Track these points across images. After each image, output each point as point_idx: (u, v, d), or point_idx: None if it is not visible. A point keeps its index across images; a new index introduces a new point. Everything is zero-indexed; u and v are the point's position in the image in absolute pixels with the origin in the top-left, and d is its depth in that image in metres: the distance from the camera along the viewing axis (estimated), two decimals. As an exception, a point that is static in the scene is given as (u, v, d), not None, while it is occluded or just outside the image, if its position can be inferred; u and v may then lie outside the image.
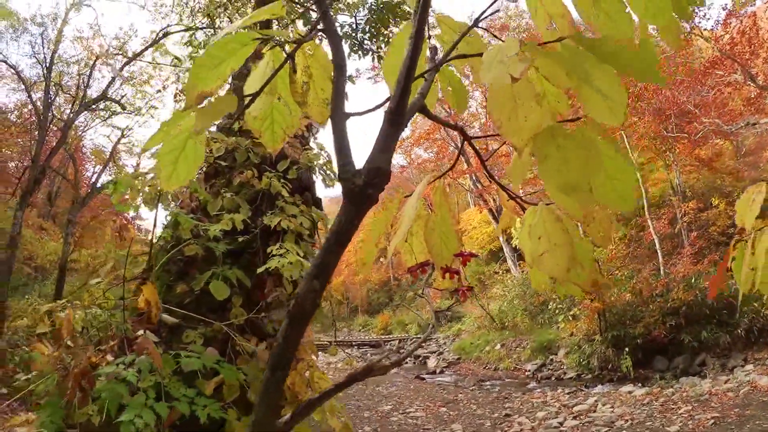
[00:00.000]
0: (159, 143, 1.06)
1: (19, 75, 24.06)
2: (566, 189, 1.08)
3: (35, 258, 28.06)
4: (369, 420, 14.55)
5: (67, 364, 3.09)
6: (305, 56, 1.20)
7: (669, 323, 18.08)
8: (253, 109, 1.17)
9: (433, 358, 29.92)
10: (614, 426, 12.23)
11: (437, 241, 1.36)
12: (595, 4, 1.27)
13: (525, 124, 1.07)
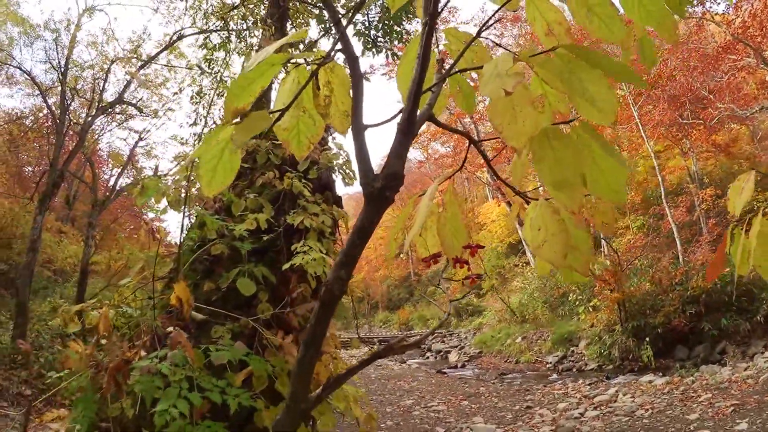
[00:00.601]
0: (201, 154, 1.22)
1: (34, 80, 24.38)
2: (559, 185, 1.23)
3: (54, 261, 28.45)
4: (391, 414, 14.72)
5: (99, 361, 3.26)
6: (326, 73, 1.36)
7: (689, 312, 18.07)
8: (283, 122, 1.32)
9: (454, 352, 30.20)
10: (635, 415, 12.28)
11: (448, 234, 1.51)
12: (589, 10, 1.42)
13: (523, 128, 1.20)
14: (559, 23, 1.56)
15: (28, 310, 17.67)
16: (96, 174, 27.92)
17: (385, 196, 1.20)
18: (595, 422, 12.27)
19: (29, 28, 24.79)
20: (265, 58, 1.13)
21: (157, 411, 2.69)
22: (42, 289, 24.71)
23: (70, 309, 3.56)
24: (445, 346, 33.00)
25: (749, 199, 1.86)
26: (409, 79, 1.37)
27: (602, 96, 1.25)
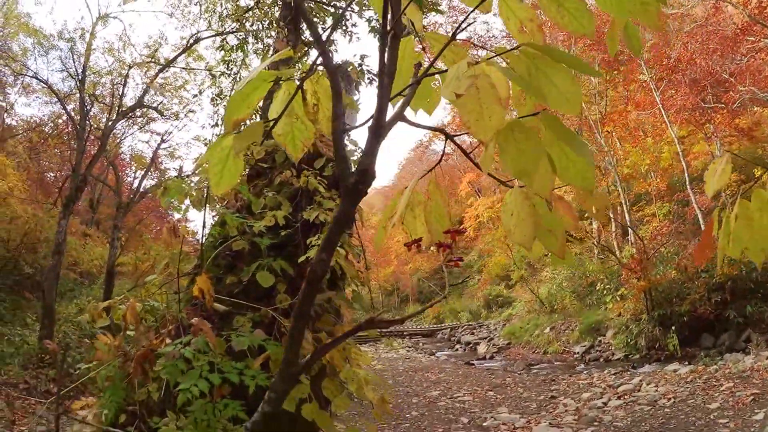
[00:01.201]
0: (208, 160, 1.44)
1: (52, 89, 24.88)
2: (520, 174, 1.42)
3: (80, 264, 28.99)
4: (417, 405, 14.94)
5: (126, 352, 3.53)
6: (313, 84, 1.56)
7: (714, 299, 17.99)
8: (278, 129, 1.53)
9: (483, 344, 30.38)
10: (657, 404, 12.46)
11: (433, 221, 1.71)
12: (559, 6, 1.59)
13: (489, 124, 1.36)
14: (530, 20, 1.68)
15: (54, 311, 18.18)
16: (119, 177, 28.47)
17: (359, 190, 1.39)
18: (617, 411, 12.46)
19: (43, 38, 25.28)
20: (257, 75, 1.34)
21: (180, 390, 2.94)
22: (68, 291, 25.24)
23: (98, 305, 3.82)
24: (474, 337, 33.19)
25: (726, 182, 1.93)
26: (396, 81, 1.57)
27: (567, 88, 1.43)
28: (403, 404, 15.10)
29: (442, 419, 13.17)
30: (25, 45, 27.83)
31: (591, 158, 1.52)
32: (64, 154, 34.40)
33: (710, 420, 10.48)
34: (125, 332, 3.53)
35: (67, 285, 25.37)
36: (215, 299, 3.49)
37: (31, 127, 33.66)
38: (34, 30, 25.79)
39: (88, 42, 22.68)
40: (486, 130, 1.37)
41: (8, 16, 27.66)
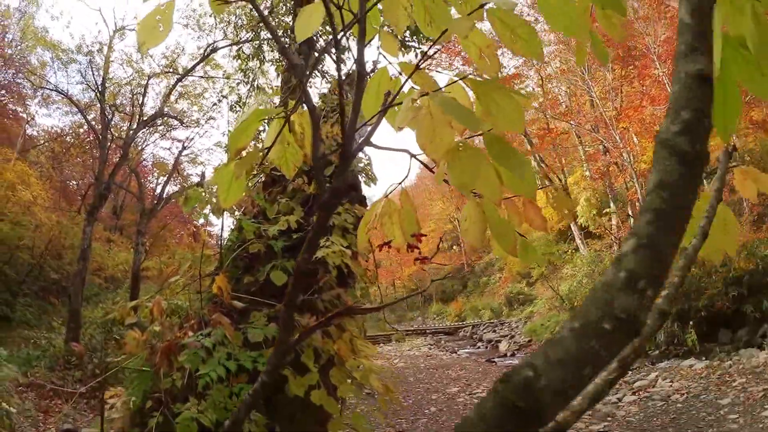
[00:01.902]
0: (218, 180, 1.83)
1: (72, 100, 25.56)
2: (460, 186, 1.77)
3: (105, 269, 29.71)
4: (436, 401, 15.35)
5: (153, 345, 3.96)
6: (299, 117, 1.93)
7: (731, 294, 17.68)
8: (272, 153, 1.90)
9: (504, 341, 30.55)
10: (670, 400, 12.72)
11: (405, 225, 2.07)
12: (512, 33, 1.83)
13: (441, 144, 1.70)
14: (488, 47, 1.92)
15: (80, 315, 18.86)
16: (142, 184, 29.02)
17: (332, 204, 1.77)
18: (631, 407, 12.76)
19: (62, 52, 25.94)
20: (251, 114, 1.72)
21: (200, 374, 3.37)
22: (94, 296, 25.93)
23: (127, 304, 4.25)
24: (496, 335, 33.44)
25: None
26: (374, 108, 1.94)
27: (511, 109, 1.75)
28: (422, 400, 15.55)
29: (460, 414, 13.45)
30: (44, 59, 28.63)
31: (530, 172, 1.84)
32: (86, 162, 35.18)
33: (720, 416, 10.70)
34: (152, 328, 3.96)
35: (92, 290, 26.07)
36: (234, 297, 3.89)
37: (53, 137, 34.46)
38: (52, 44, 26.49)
39: (106, 55, 23.28)
40: (438, 150, 1.70)
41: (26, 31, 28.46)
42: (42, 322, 22.56)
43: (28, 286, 25.29)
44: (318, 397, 3.71)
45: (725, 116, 1.28)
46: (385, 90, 2.02)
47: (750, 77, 1.23)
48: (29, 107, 36.28)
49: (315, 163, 1.76)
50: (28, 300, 24.47)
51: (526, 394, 0.68)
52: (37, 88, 29.28)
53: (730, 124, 1.31)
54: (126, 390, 4.05)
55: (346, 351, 3.94)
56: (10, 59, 30.20)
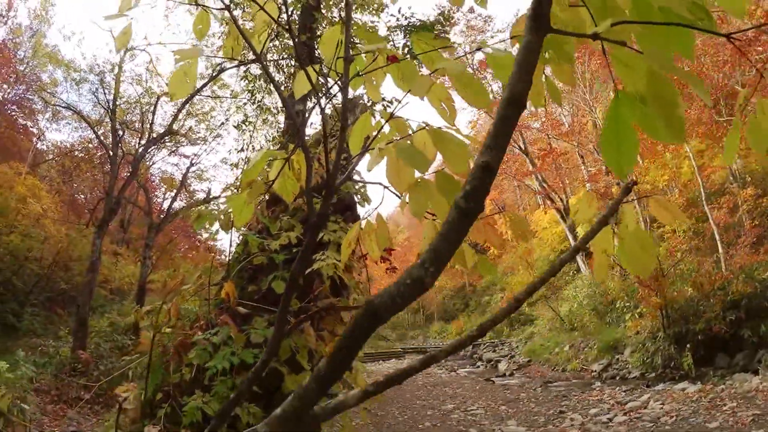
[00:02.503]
0: (233, 205, 2.39)
1: (84, 118, 26.37)
2: (415, 214, 2.31)
3: (112, 281, 30.28)
4: (431, 417, 15.81)
5: (165, 344, 4.54)
6: (297, 156, 2.48)
7: (729, 318, 17.64)
8: (277, 184, 2.45)
9: (504, 361, 31.11)
10: (659, 422, 12.94)
11: (380, 243, 2.62)
12: (466, 87, 2.13)
13: (404, 179, 2.24)
14: (447, 99, 2.21)
15: (88, 325, 19.45)
16: (150, 199, 29.67)
17: (318, 226, 2.32)
18: (620, 427, 12.98)
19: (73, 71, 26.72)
20: (260, 156, 2.28)
21: (207, 366, 3.94)
22: (99, 306, 26.43)
23: (141, 309, 4.83)
24: (496, 355, 34.02)
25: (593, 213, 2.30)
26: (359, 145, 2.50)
27: (458, 152, 2.19)
28: (417, 416, 16.04)
29: (453, 430, 14.01)
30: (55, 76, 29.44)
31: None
32: (95, 176, 35.84)
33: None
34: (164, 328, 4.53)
35: (98, 301, 26.55)
36: (238, 304, 4.44)
37: (64, 152, 35.15)
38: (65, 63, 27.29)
39: (117, 74, 23.98)
40: (402, 185, 2.25)
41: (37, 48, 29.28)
42: (49, 331, 23.08)
43: (35, 296, 25.84)
44: (311, 392, 4.25)
45: (620, 158, 1.49)
46: (366, 134, 2.54)
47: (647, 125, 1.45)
48: (39, 122, 37.32)
49: (307, 195, 2.32)
50: (36, 310, 25.02)
51: (373, 308, 1.26)
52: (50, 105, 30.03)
53: (626, 164, 1.52)
54: (138, 385, 4.62)
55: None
56: (22, 75, 30.99)
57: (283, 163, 2.37)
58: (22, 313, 23.73)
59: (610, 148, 1.48)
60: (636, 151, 1.49)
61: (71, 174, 35.41)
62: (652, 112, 1.42)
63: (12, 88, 32.82)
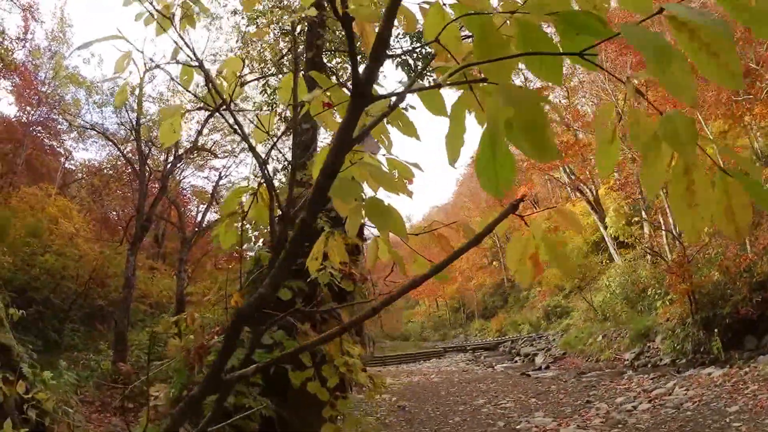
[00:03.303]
0: (219, 233, 3.05)
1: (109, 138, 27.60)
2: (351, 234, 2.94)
3: (150, 295, 31.32)
4: (462, 412, 16.48)
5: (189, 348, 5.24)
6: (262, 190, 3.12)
7: (756, 299, 17.89)
8: (251, 213, 3.09)
9: (540, 354, 31.62)
10: (681, 407, 13.25)
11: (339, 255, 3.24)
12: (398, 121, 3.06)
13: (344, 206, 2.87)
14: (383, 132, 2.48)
15: (126, 338, 20.56)
16: (182, 214, 30.66)
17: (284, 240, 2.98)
18: (644, 414, 13.32)
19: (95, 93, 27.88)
20: (233, 193, 2.91)
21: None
22: (139, 321, 27.48)
23: (170, 320, 5.54)
24: (533, 349, 34.48)
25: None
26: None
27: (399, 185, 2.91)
28: (449, 411, 16.75)
29: (482, 423, 14.62)
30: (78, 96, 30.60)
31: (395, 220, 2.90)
32: (125, 194, 36.98)
33: (725, 423, 11.09)
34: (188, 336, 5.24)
35: (137, 315, 27.60)
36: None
37: (93, 172, 36.35)
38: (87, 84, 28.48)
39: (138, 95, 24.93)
40: (343, 210, 2.82)
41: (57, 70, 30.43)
42: (89, 346, 24.03)
43: (74, 313, 26.86)
44: (313, 386, 4.90)
45: (497, 181, 1.57)
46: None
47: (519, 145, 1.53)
48: (65, 142, 38.60)
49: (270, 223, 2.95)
50: (75, 326, 26.03)
51: (240, 312, 1.92)
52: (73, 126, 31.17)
53: (504, 187, 1.58)
54: (167, 386, 5.33)
55: (335, 351, 5.13)
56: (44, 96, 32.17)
57: (252, 197, 3.00)
58: (63, 329, 24.55)
59: (487, 173, 1.56)
60: (513, 173, 1.57)
61: (101, 193, 36.57)
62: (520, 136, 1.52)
63: (35, 110, 33.93)
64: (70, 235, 28.47)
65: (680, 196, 1.44)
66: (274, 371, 4.98)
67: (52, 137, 38.34)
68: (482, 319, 57.75)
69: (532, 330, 41.62)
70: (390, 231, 2.50)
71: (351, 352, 5.28)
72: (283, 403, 5.18)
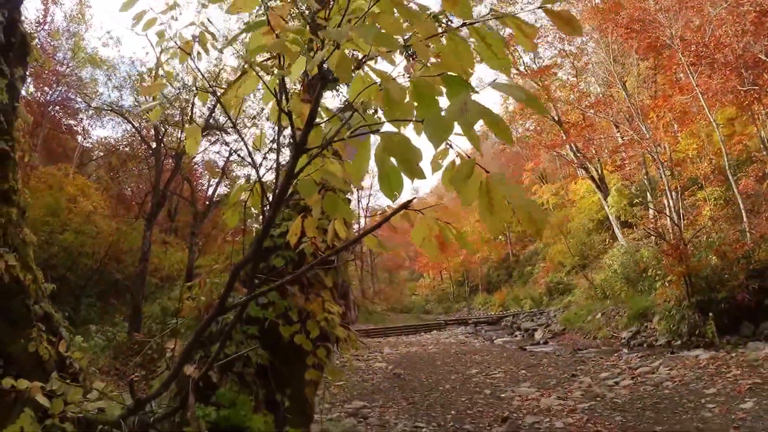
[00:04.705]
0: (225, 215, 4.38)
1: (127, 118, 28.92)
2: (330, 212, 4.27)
3: (162, 269, 32.74)
4: (453, 380, 17.88)
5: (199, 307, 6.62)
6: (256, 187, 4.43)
7: (752, 286, 18.18)
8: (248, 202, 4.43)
9: (540, 330, 32.48)
10: (661, 386, 13.90)
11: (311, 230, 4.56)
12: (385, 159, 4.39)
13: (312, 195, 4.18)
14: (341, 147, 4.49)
15: (141, 310, 22.09)
16: (194, 189, 31.97)
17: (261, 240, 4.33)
18: (623, 390, 14.10)
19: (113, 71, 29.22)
20: (237, 189, 4.21)
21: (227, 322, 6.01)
22: (151, 294, 28.93)
23: (184, 285, 6.94)
24: (533, 324, 35.48)
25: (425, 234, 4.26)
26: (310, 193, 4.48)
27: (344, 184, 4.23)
28: (441, 379, 18.20)
29: (469, 391, 15.91)
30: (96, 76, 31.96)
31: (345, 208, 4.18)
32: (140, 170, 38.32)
33: (699, 404, 11.62)
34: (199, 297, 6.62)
35: (150, 288, 28.99)
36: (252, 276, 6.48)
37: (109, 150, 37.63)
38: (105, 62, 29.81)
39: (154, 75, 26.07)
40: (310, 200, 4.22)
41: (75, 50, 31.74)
42: (105, 320, 25.28)
43: (90, 288, 28.24)
44: (299, 338, 6.24)
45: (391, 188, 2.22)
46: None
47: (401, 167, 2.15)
48: (82, 121, 40.05)
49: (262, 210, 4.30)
50: (92, 300, 27.45)
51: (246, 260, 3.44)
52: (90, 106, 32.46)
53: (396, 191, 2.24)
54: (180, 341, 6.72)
55: (317, 309, 6.49)
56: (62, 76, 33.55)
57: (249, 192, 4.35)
58: (79, 305, 25.95)
59: (383, 183, 2.25)
60: (400, 181, 2.23)
61: (118, 171, 38.20)
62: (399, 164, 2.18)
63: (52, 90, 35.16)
64: (88, 213, 29.79)
65: (485, 206, 2.12)
66: (267, 328, 6.37)
67: (70, 116, 39.72)
68: (486, 293, 58.98)
69: (534, 305, 42.55)
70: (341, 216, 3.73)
71: (331, 311, 6.65)
72: (275, 356, 6.54)
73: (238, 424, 5.53)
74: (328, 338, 6.78)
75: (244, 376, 6.25)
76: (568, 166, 47.80)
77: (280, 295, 6.64)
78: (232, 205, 4.36)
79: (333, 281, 7.30)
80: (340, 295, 7.89)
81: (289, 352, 6.52)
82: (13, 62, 6.12)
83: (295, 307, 6.47)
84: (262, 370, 6.43)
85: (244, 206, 4.49)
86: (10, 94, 5.92)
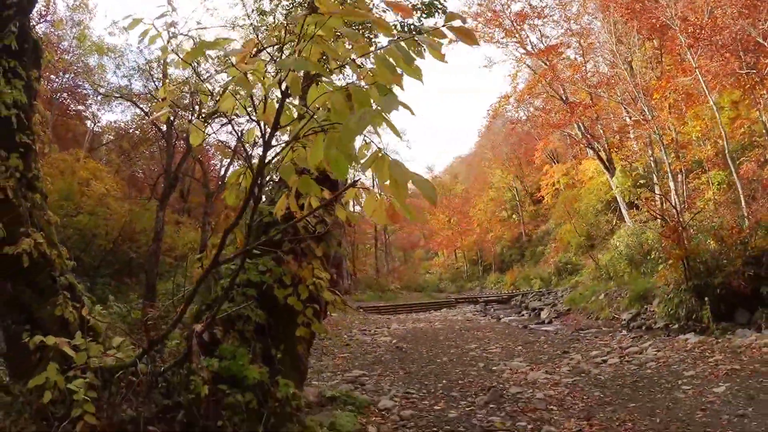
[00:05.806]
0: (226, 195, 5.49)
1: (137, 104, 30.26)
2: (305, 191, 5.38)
3: (175, 248, 33.96)
4: (451, 354, 19.02)
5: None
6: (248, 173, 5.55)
7: (748, 273, 17.97)
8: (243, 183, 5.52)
9: (546, 309, 33.20)
10: (644, 366, 14.54)
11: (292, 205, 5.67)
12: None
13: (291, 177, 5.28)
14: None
15: (155, 288, 23.45)
16: (206, 170, 33.09)
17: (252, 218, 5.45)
18: (608, 368, 14.80)
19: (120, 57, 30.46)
20: (234, 173, 5.29)
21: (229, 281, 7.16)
22: (165, 272, 30.05)
23: (194, 257, 8.12)
24: (541, 303, 36.32)
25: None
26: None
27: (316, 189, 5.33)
28: (440, 353, 19.33)
29: (465, 364, 16.95)
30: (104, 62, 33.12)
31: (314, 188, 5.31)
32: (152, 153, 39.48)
33: (676, 385, 12.13)
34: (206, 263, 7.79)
35: (164, 267, 30.15)
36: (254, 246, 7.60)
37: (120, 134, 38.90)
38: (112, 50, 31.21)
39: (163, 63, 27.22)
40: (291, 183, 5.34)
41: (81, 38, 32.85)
42: (119, 299, 26.50)
43: (104, 269, 29.55)
44: (292, 300, 7.38)
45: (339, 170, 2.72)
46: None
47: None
48: (91, 106, 41.05)
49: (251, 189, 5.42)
50: (107, 279, 28.64)
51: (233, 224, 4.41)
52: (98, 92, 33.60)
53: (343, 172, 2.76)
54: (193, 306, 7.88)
55: (308, 275, 7.62)
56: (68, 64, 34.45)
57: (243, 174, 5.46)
58: (93, 284, 26.65)
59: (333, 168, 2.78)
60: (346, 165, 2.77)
61: (129, 154, 39.37)
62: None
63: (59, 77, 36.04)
64: (100, 196, 31.04)
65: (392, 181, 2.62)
66: (264, 291, 7.53)
67: (78, 102, 40.69)
68: (499, 273, 60.05)
69: (543, 285, 43.68)
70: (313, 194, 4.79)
71: (320, 276, 7.79)
72: (271, 316, 7.67)
73: (237, 373, 6.52)
74: (317, 301, 7.91)
75: (245, 333, 7.25)
76: (577, 145, 48.33)
77: (276, 263, 7.78)
78: (229, 185, 5.42)
79: (324, 252, 8.39)
80: (333, 264, 9.01)
81: (283, 313, 7.60)
82: (28, 66, 7.09)
83: (288, 273, 7.60)
84: (260, 328, 7.45)
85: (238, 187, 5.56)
86: (28, 94, 6.91)
